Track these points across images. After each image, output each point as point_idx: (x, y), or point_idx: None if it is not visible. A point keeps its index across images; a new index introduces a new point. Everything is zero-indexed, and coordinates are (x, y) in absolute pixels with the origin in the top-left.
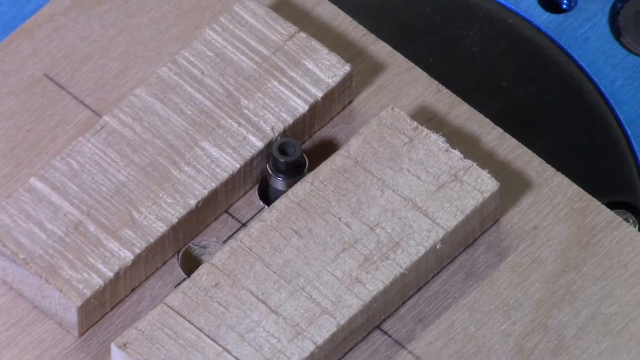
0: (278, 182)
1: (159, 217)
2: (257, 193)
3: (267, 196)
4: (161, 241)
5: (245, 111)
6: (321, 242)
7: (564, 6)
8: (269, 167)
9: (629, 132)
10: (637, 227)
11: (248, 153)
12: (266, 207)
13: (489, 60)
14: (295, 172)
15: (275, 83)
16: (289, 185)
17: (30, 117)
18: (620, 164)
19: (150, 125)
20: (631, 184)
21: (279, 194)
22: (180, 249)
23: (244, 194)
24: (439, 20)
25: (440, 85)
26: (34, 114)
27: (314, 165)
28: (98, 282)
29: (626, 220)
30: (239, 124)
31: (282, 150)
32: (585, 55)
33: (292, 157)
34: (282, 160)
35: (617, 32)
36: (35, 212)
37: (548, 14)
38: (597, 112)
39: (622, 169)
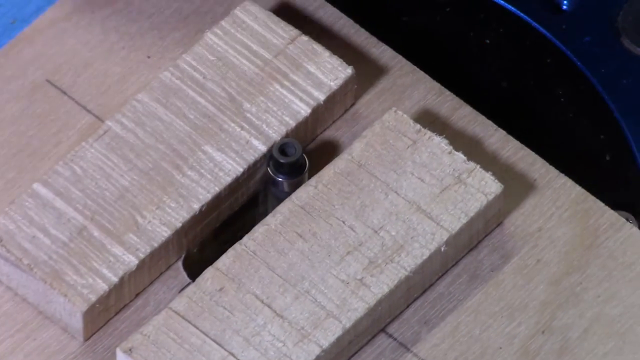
0: (279, 183)
1: (163, 221)
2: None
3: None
4: (165, 246)
5: (248, 115)
6: (325, 245)
7: (564, 6)
8: (270, 169)
9: (629, 133)
10: (638, 227)
11: (251, 157)
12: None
13: (489, 61)
14: (295, 172)
15: (278, 86)
16: (290, 186)
17: (32, 122)
18: (619, 164)
19: (153, 130)
20: (631, 184)
21: (279, 195)
22: (184, 253)
23: (248, 198)
24: (439, 20)
25: (443, 87)
26: (36, 120)
27: (315, 166)
28: (103, 287)
29: (626, 220)
30: (242, 127)
31: (283, 150)
32: (585, 55)
33: (292, 158)
34: (282, 160)
35: (616, 32)
36: (39, 218)
37: (548, 14)
38: (597, 112)
39: (621, 169)
